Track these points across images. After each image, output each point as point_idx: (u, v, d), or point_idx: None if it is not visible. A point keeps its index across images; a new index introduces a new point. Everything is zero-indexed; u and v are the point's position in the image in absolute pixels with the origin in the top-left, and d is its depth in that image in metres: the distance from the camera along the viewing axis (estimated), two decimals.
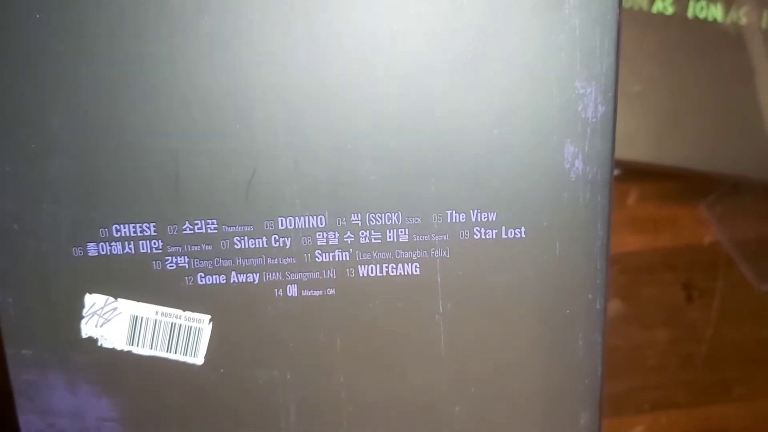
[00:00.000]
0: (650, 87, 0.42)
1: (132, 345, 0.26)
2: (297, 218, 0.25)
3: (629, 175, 0.47)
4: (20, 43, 0.24)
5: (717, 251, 0.47)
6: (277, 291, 0.25)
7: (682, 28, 0.42)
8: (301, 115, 0.24)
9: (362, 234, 0.25)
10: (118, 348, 0.26)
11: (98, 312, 0.26)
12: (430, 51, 0.24)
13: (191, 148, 0.25)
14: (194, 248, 0.25)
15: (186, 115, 0.24)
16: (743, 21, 0.42)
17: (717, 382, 0.48)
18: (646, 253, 0.47)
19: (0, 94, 0.24)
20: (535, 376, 0.26)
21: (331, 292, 0.25)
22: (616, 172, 0.46)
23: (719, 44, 0.42)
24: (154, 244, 0.25)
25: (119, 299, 0.26)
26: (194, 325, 0.26)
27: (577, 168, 0.24)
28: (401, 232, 0.25)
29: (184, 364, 0.26)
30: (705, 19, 0.42)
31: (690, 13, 0.42)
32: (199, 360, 0.26)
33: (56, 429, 0.27)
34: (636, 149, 0.42)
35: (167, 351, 0.26)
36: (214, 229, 0.25)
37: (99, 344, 0.26)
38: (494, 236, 0.25)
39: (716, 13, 0.42)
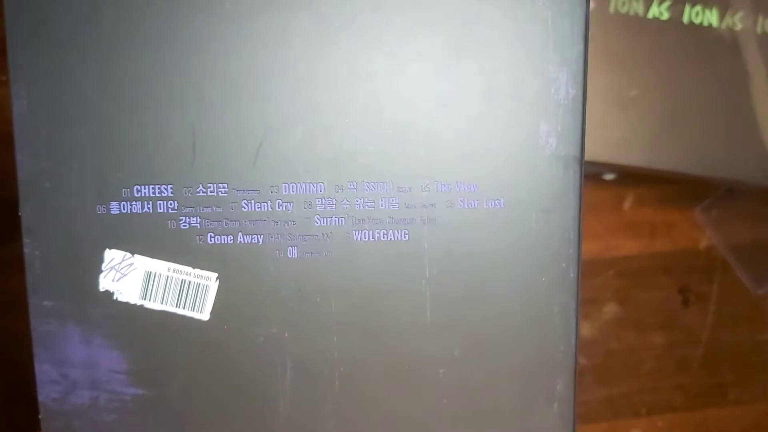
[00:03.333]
0: (646, 92, 0.44)
1: (145, 299, 0.30)
2: (299, 185, 0.29)
3: (625, 179, 0.49)
4: (63, 20, 0.28)
5: (713, 255, 0.50)
6: (279, 252, 0.29)
7: (677, 33, 0.44)
8: (306, 89, 0.28)
9: (357, 201, 0.29)
10: (132, 302, 0.30)
11: (116, 267, 0.29)
12: (421, 39, 0.28)
13: (207, 118, 0.29)
14: (206, 210, 0.29)
15: (202, 88, 0.28)
16: (738, 26, 0.44)
17: (713, 385, 0.50)
18: (643, 257, 0.50)
19: (44, 65, 0.28)
20: (514, 342, 0.30)
21: (328, 255, 0.29)
22: (612, 176, 0.48)
23: (714, 49, 0.44)
24: (171, 204, 0.29)
25: (136, 255, 0.29)
26: (202, 282, 0.29)
27: (551, 145, 0.29)
28: (392, 200, 0.29)
29: (192, 319, 0.30)
30: (700, 25, 0.44)
31: (685, 19, 0.44)
32: (205, 316, 0.30)
33: (69, 379, 0.30)
34: (632, 154, 0.45)
35: (176, 306, 0.30)
36: (225, 192, 0.29)
37: (114, 298, 0.30)
38: (476, 206, 0.29)
39: (711, 18, 0.44)
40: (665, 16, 0.44)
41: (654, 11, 0.44)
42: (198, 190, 0.29)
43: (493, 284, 0.29)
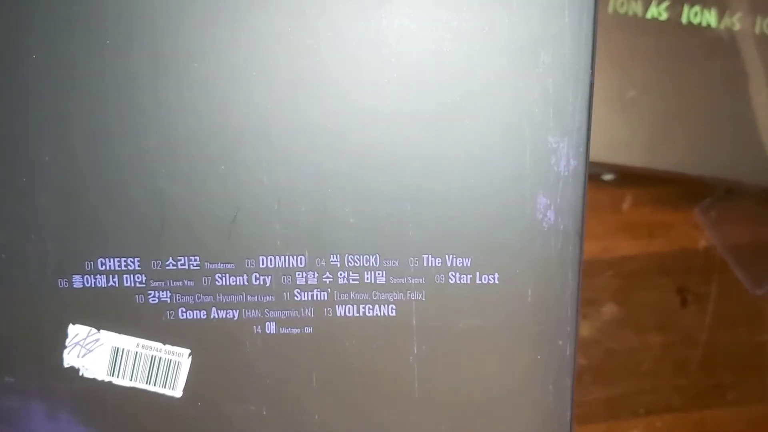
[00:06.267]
0: (644, 92, 0.44)
1: (113, 376, 0.29)
2: (278, 257, 0.28)
3: (624, 179, 0.49)
4: (14, 81, 0.27)
5: (711, 256, 0.50)
6: (256, 328, 0.29)
7: (676, 33, 0.44)
8: (284, 157, 0.27)
9: (341, 275, 0.28)
10: (99, 378, 0.29)
11: (81, 342, 0.29)
12: (411, 102, 0.27)
13: (177, 187, 0.28)
14: (177, 284, 0.28)
15: (172, 154, 0.27)
16: (737, 27, 0.44)
17: (711, 386, 0.50)
18: (641, 257, 0.49)
19: None
20: (506, 421, 0.29)
21: (309, 330, 0.29)
22: (610, 176, 0.48)
23: (713, 50, 0.44)
24: (138, 278, 0.28)
25: (102, 330, 0.29)
26: (174, 358, 0.29)
27: (549, 218, 0.28)
28: (378, 274, 0.28)
29: (163, 396, 0.29)
30: (699, 25, 0.44)
31: (684, 19, 0.44)
32: (177, 393, 0.29)
33: None
34: (630, 154, 0.44)
35: (147, 383, 0.29)
36: (197, 265, 0.28)
37: (80, 374, 0.29)
38: (468, 281, 0.28)
39: (710, 18, 0.44)
40: (664, 16, 0.44)
41: (653, 12, 0.44)
42: (168, 263, 0.28)
43: (486, 362, 0.29)
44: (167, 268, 0.28)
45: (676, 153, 0.45)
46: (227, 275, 0.28)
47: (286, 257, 0.28)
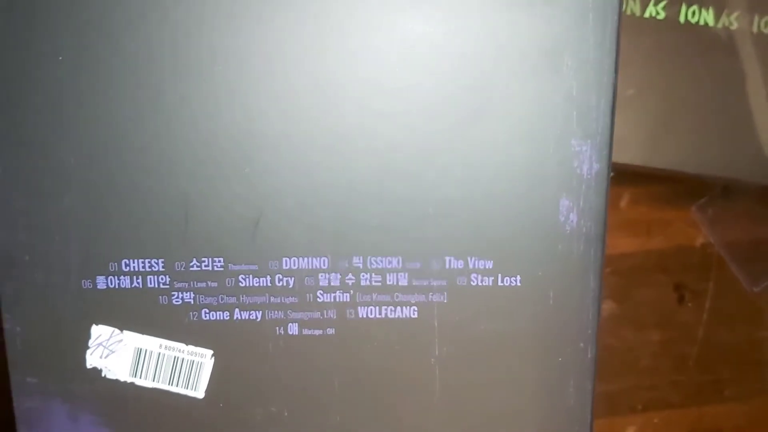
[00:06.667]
0: (643, 91, 0.43)
1: (135, 377, 0.28)
2: (301, 259, 0.27)
3: (622, 177, 0.46)
4: (39, 83, 0.26)
5: (709, 253, 0.49)
6: (279, 329, 0.28)
7: (673, 32, 0.43)
8: (307, 160, 0.27)
9: (363, 276, 0.27)
10: (122, 379, 0.28)
11: (104, 343, 0.28)
12: (434, 105, 0.26)
13: (201, 189, 0.27)
14: (200, 285, 0.27)
15: (197, 157, 0.26)
16: (734, 26, 0.43)
17: (709, 382, 0.49)
18: (639, 255, 0.49)
19: (19, 133, 0.26)
20: (527, 422, 0.28)
21: (331, 332, 0.28)
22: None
23: (711, 49, 0.43)
24: (162, 279, 0.27)
25: (125, 331, 0.28)
26: (196, 359, 0.28)
27: (572, 221, 0.27)
28: (401, 276, 0.27)
29: (185, 397, 0.28)
30: (696, 24, 0.43)
31: (682, 18, 0.43)
32: (199, 394, 0.28)
33: None
34: (629, 152, 0.43)
35: (169, 384, 0.28)
36: (221, 267, 0.27)
37: (103, 375, 0.28)
38: (490, 283, 0.27)
39: (708, 17, 0.43)
40: (661, 15, 0.43)
41: (650, 11, 0.43)
42: (191, 264, 0.27)
43: (506, 365, 0.28)
44: (191, 269, 0.27)
45: (674, 151, 0.44)
46: (250, 276, 0.27)
47: (309, 259, 0.27)
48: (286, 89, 0.26)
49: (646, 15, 0.43)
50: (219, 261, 0.27)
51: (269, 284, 0.27)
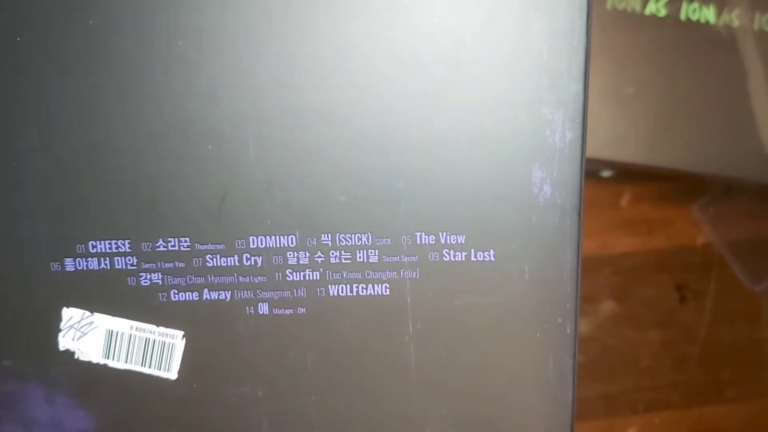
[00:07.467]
0: (643, 89, 0.41)
1: (108, 358, 0.26)
2: (268, 237, 0.25)
3: (623, 176, 0.46)
4: (1, 65, 0.24)
5: (710, 252, 0.47)
6: (249, 309, 0.25)
7: (674, 30, 0.41)
8: (273, 135, 0.24)
9: (333, 254, 0.25)
10: (94, 361, 0.26)
11: (75, 325, 0.25)
12: (401, 76, 0.24)
13: (165, 168, 0.24)
14: (168, 265, 0.25)
15: (160, 135, 0.24)
16: (735, 23, 0.41)
17: (710, 382, 0.47)
18: (640, 254, 0.47)
19: None
20: (505, 399, 0.26)
21: (302, 311, 0.25)
22: (609, 173, 0.46)
23: (712, 46, 0.41)
24: (129, 260, 0.25)
25: (95, 313, 0.25)
26: (168, 340, 0.25)
27: (546, 192, 0.24)
28: (371, 252, 0.25)
29: (158, 378, 0.26)
30: (697, 22, 0.41)
31: (683, 16, 0.41)
32: (172, 375, 0.26)
33: None
34: (629, 151, 0.42)
35: (142, 365, 0.26)
36: (187, 246, 0.25)
37: (76, 357, 0.26)
38: (463, 258, 0.25)
39: (709, 15, 0.41)
40: (662, 12, 0.41)
41: (651, 8, 0.41)
42: (158, 244, 0.25)
43: (482, 341, 0.25)
44: (158, 249, 0.25)
45: (675, 150, 0.42)
46: (218, 256, 0.25)
47: (277, 237, 0.25)
48: (249, 64, 0.24)
49: (647, 12, 0.41)
50: (185, 241, 0.25)
51: (237, 264, 0.25)
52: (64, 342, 0.26)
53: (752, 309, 0.47)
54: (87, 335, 0.26)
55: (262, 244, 0.25)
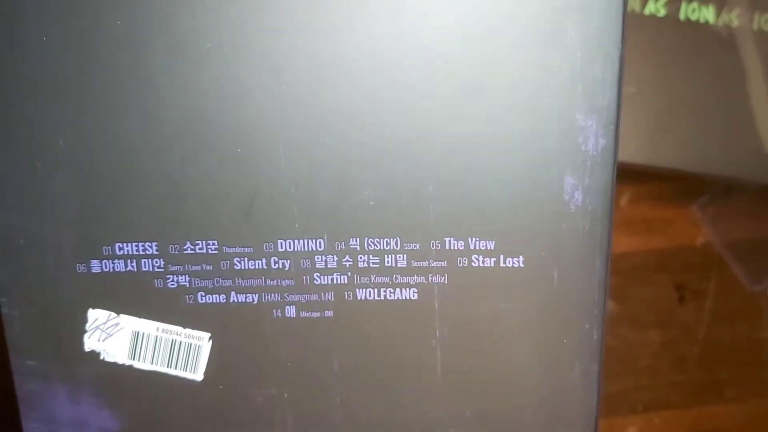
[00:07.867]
0: (643, 89, 0.40)
1: (133, 359, 0.25)
2: (296, 241, 0.24)
3: (622, 176, 0.44)
4: (28, 65, 0.23)
5: (710, 252, 0.46)
6: (276, 311, 0.24)
7: (674, 30, 0.40)
8: (302, 139, 0.23)
9: (361, 258, 0.24)
10: (120, 362, 0.25)
11: (101, 327, 0.24)
12: (432, 80, 0.23)
13: (193, 170, 0.23)
14: (195, 268, 0.24)
15: (188, 137, 0.23)
16: (735, 23, 0.40)
17: (710, 382, 0.46)
18: (639, 254, 0.46)
19: (8, 114, 0.23)
20: (530, 404, 0.25)
21: (329, 314, 0.24)
22: None
23: (711, 46, 0.40)
24: (156, 262, 0.24)
25: (121, 315, 0.24)
26: (194, 342, 0.25)
27: (577, 200, 0.23)
28: (399, 257, 0.24)
29: (184, 379, 0.25)
30: (697, 21, 0.40)
31: (682, 16, 0.40)
32: (198, 376, 0.25)
33: None
34: (629, 150, 0.41)
35: (167, 366, 0.25)
36: (215, 249, 0.24)
37: (101, 358, 0.25)
38: (492, 264, 0.24)
39: (708, 15, 0.40)
40: (662, 12, 0.41)
41: (650, 8, 0.41)
42: (185, 247, 0.24)
43: (510, 346, 0.24)
44: (185, 252, 0.24)
45: (675, 149, 0.41)
46: (246, 259, 0.24)
47: (305, 241, 0.24)
48: (279, 67, 0.23)
49: (646, 12, 0.41)
50: (213, 243, 0.24)
51: (265, 267, 0.24)
52: (90, 343, 0.25)
53: (752, 309, 0.46)
54: (113, 336, 0.25)
55: (290, 248, 0.24)
